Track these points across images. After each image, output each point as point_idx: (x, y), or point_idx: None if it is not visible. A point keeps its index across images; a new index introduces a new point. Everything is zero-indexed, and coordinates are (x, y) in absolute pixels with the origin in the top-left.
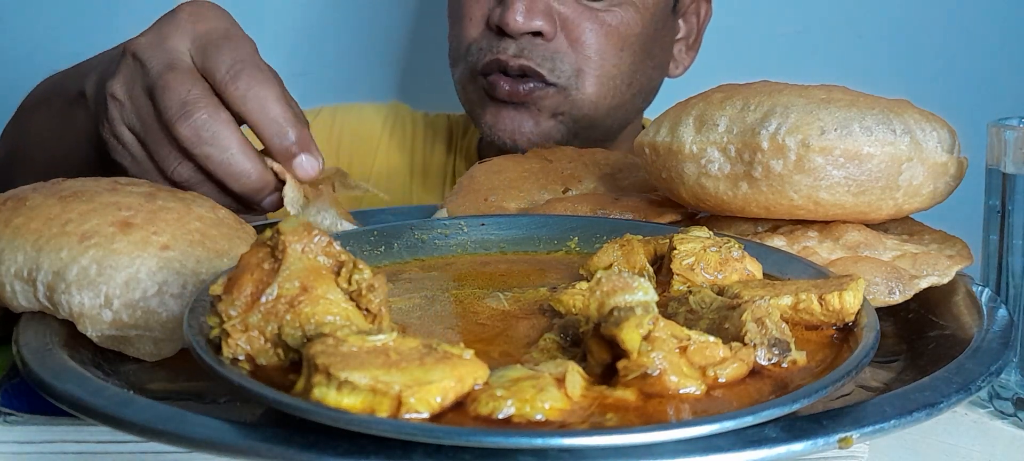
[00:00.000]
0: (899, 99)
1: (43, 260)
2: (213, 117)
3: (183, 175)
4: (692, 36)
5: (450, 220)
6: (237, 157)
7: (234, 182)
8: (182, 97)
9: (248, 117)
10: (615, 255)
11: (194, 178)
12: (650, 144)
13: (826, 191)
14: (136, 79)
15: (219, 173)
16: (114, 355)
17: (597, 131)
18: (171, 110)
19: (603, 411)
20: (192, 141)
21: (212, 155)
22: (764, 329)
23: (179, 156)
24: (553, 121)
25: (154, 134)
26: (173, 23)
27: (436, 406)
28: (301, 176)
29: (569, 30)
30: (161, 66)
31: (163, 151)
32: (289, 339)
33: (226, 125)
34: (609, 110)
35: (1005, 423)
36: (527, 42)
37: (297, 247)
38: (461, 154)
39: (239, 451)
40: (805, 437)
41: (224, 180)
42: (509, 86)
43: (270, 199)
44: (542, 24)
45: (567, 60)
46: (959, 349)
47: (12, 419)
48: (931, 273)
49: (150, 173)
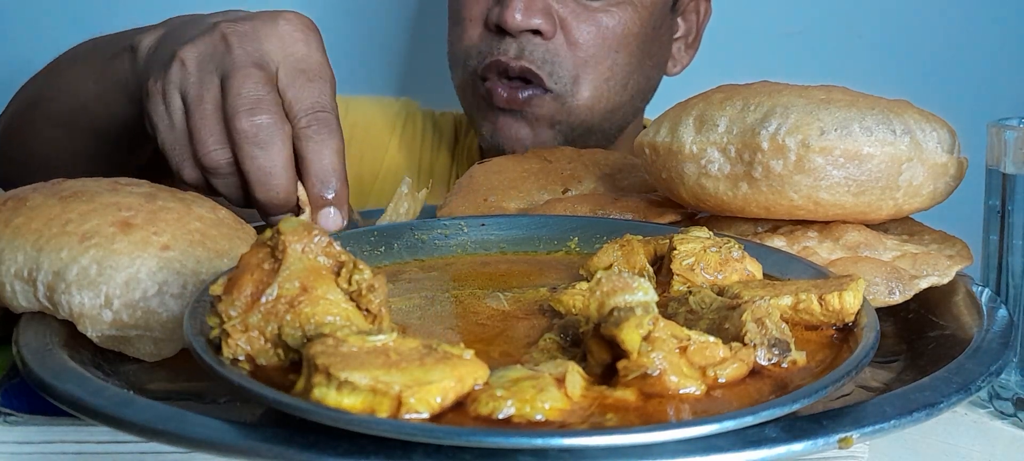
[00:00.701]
0: (899, 99)
1: (43, 260)
2: (276, 125)
3: (216, 160)
4: (691, 35)
5: (450, 220)
6: (279, 171)
7: (262, 191)
8: (257, 95)
9: (304, 155)
10: (615, 255)
11: (224, 169)
12: (650, 144)
13: (826, 191)
14: (214, 58)
15: (254, 177)
16: (114, 355)
17: (594, 136)
18: (241, 99)
19: (603, 411)
20: (247, 136)
21: (258, 158)
22: (764, 329)
23: (222, 142)
24: (551, 131)
25: (206, 114)
26: (272, 28)
27: (436, 406)
28: (322, 225)
29: (567, 30)
30: (248, 60)
31: (207, 132)
32: (289, 339)
33: (283, 140)
34: (604, 114)
35: (1005, 423)
36: (526, 41)
37: (297, 247)
38: (463, 155)
39: (239, 451)
40: (805, 437)
41: (254, 185)
42: (507, 93)
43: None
44: (541, 22)
45: (565, 62)
46: (959, 349)
47: (12, 419)
48: (931, 273)
49: (177, 146)
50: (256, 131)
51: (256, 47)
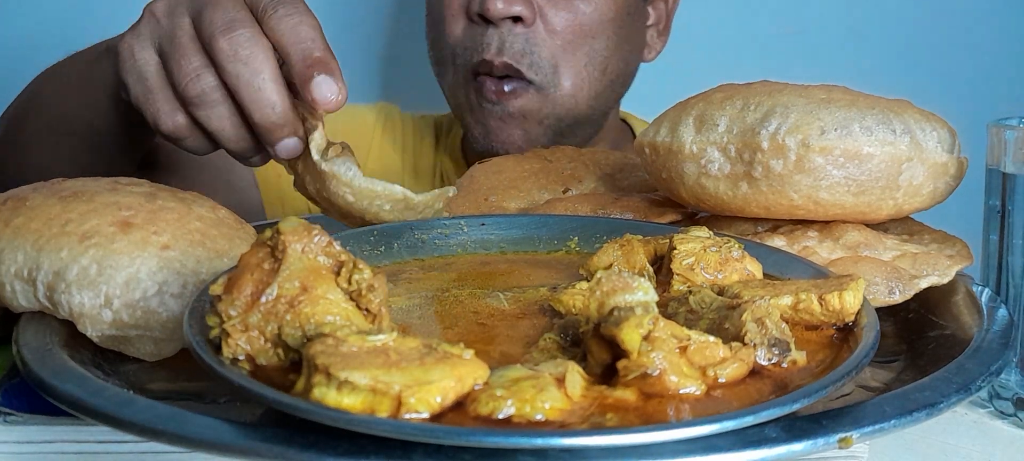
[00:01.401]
0: (899, 99)
1: (43, 260)
2: (254, 39)
3: (200, 86)
4: (661, 22)
5: (450, 219)
6: (268, 84)
7: (257, 110)
8: (231, 15)
9: (279, 39)
10: (615, 255)
11: (210, 95)
12: (650, 144)
13: (826, 191)
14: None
15: (244, 96)
16: (114, 355)
17: (581, 126)
18: (215, 23)
19: (603, 411)
20: (228, 55)
21: (242, 74)
22: (764, 329)
23: (203, 66)
24: (540, 127)
25: (183, 49)
26: None
27: (436, 406)
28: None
29: (545, 17)
30: None
31: (186, 60)
32: (289, 339)
33: (264, 51)
34: (588, 102)
35: (1005, 423)
36: (507, 31)
37: (297, 247)
38: (446, 152)
39: (239, 451)
40: (805, 437)
41: (247, 105)
42: (495, 86)
43: (286, 143)
44: (521, 8)
45: (544, 50)
46: (959, 349)
47: (12, 419)
48: (931, 273)
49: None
50: (234, 47)
51: None
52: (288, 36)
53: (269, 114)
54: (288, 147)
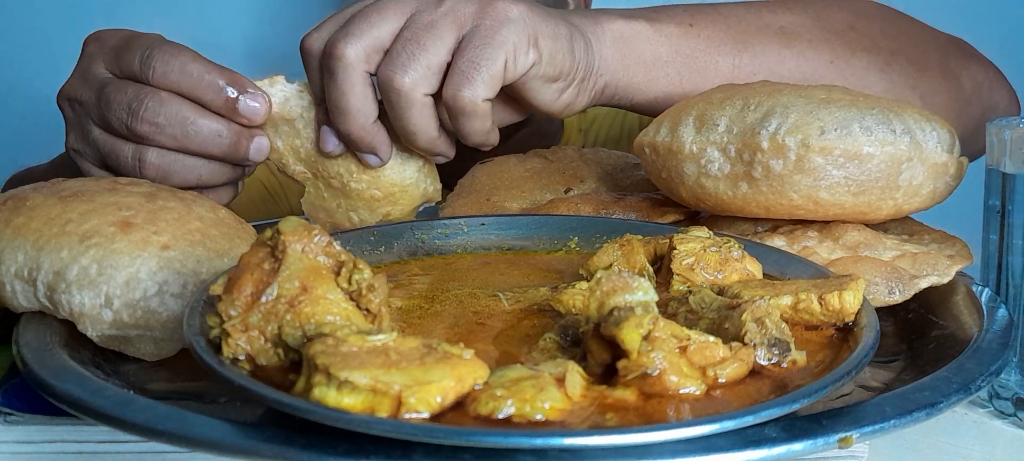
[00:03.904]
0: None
1: (43, 260)
2: (157, 100)
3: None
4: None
5: (450, 219)
6: (199, 122)
7: (210, 146)
8: (125, 101)
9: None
10: (615, 255)
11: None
12: (650, 144)
13: (826, 191)
14: (82, 119)
15: (193, 146)
16: (114, 355)
17: None
18: (121, 118)
19: (603, 411)
20: (152, 132)
21: (176, 134)
22: (764, 329)
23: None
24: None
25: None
26: (85, 57)
27: (436, 406)
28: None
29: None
30: (95, 92)
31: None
32: (289, 339)
33: (173, 100)
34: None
35: (1005, 423)
36: None
37: (297, 247)
38: None
39: (239, 451)
40: (805, 437)
41: (198, 150)
42: None
43: (254, 145)
44: None
45: None
46: (959, 349)
47: (12, 419)
48: (931, 273)
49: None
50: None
51: (90, 82)
52: (185, 84)
53: (219, 142)
54: (260, 149)
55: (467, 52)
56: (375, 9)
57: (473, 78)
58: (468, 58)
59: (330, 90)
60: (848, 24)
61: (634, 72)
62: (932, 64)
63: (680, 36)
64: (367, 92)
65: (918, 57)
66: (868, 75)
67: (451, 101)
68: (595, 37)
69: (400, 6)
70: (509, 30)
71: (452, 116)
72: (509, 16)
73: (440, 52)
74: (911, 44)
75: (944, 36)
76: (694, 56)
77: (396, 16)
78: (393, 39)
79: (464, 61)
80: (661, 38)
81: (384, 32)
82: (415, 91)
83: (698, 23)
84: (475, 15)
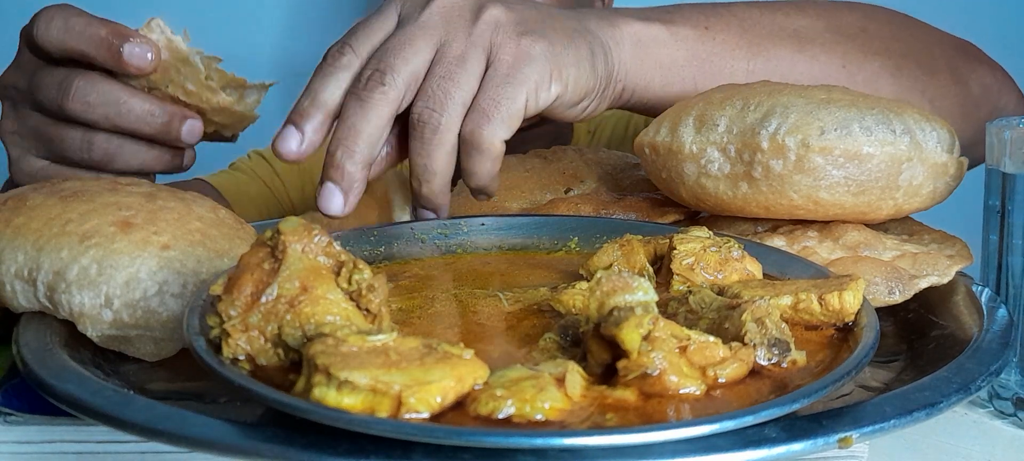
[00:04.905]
0: (899, 99)
1: (43, 260)
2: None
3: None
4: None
5: (450, 220)
6: (131, 102)
7: (145, 126)
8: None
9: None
10: (615, 255)
11: (113, 144)
12: (650, 144)
13: (826, 191)
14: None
15: (126, 125)
16: (114, 355)
17: None
18: (52, 97)
19: (603, 411)
20: (84, 111)
21: (109, 114)
22: (764, 329)
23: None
24: None
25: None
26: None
27: (436, 406)
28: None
29: None
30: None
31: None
32: (289, 339)
33: (102, 79)
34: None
35: (1005, 423)
36: None
37: (297, 247)
38: None
39: (239, 451)
40: (805, 437)
41: (135, 129)
42: None
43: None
44: None
45: None
46: (959, 349)
47: (12, 419)
48: (931, 273)
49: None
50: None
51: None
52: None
53: (153, 121)
54: (193, 131)
55: (489, 90)
56: (407, 41)
57: (493, 117)
58: (490, 97)
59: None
60: (860, 27)
61: (651, 76)
62: (941, 68)
63: (696, 40)
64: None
65: (928, 61)
66: (880, 79)
67: (468, 136)
68: (614, 41)
69: (429, 36)
70: (531, 68)
71: (465, 152)
72: (532, 53)
73: (472, 86)
74: (921, 48)
75: (953, 39)
76: (709, 60)
77: (427, 48)
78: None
79: (486, 99)
80: (677, 42)
81: (419, 66)
82: (449, 132)
83: (713, 26)
84: (500, 46)
